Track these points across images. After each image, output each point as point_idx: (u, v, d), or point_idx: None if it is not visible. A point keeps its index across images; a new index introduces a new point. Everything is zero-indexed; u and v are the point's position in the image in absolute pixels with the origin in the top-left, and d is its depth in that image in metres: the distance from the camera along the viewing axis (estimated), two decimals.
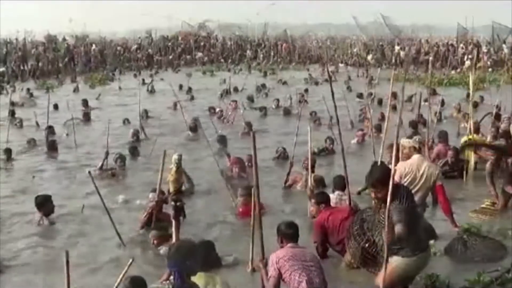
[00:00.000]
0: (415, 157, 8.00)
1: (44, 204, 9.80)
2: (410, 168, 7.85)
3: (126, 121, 20.36)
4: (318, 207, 8.11)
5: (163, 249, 8.18)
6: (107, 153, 13.35)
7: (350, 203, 8.30)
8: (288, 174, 11.68)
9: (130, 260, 5.49)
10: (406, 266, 5.88)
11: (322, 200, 8.18)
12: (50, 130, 17.99)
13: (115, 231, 8.64)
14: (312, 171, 10.39)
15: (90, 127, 20.51)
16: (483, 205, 9.94)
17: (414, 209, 5.99)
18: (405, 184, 7.67)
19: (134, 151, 15.12)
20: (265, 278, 6.14)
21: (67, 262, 4.56)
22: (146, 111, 21.32)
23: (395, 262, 5.83)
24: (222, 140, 15.92)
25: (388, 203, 5.50)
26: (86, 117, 21.60)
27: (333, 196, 8.99)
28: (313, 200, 8.41)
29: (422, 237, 6.02)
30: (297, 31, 63.49)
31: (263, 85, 30.93)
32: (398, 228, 5.57)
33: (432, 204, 9.12)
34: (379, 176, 5.87)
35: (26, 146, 16.69)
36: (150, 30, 57.82)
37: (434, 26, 66.16)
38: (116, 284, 5.35)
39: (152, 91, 30.71)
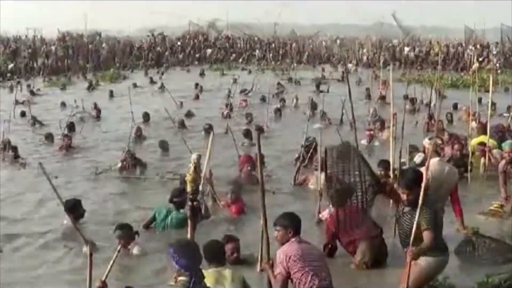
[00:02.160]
0: (436, 160, 7.96)
1: (74, 209, 9.29)
2: (435, 173, 7.83)
3: (145, 116, 20.36)
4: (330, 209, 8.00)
5: (135, 249, 8.05)
6: (128, 151, 13.50)
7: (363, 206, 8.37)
8: (297, 172, 11.72)
9: (118, 247, 5.36)
10: (434, 264, 6.08)
11: (337, 202, 7.93)
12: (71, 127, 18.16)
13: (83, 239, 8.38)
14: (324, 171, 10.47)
15: (102, 124, 20.68)
16: (491, 207, 9.88)
17: (438, 213, 6.21)
18: (431, 189, 7.62)
19: (164, 145, 15.22)
20: (273, 280, 6.05)
21: (91, 254, 4.54)
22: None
23: (425, 261, 6.00)
24: (248, 134, 16.12)
25: (419, 205, 5.78)
26: (98, 114, 21.78)
27: None
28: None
29: (443, 239, 6.28)
30: (305, 31, 63.38)
31: (279, 84, 30.92)
32: (426, 234, 5.83)
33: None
34: (413, 177, 6.08)
35: (44, 141, 16.86)
36: (153, 29, 57.96)
37: (443, 28, 65.98)
38: (106, 272, 5.11)
39: (162, 89, 30.81)
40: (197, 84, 31.31)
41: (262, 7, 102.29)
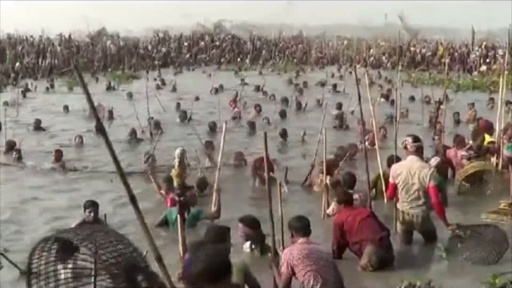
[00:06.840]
0: (410, 157, 8.10)
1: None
2: (401, 170, 8.03)
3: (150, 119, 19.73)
4: (339, 206, 7.99)
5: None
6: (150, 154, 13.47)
7: (370, 205, 8.47)
8: (308, 174, 11.78)
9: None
10: None
11: (343, 199, 7.95)
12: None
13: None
14: (330, 174, 10.51)
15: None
16: (500, 206, 9.66)
17: None
18: (399, 184, 7.93)
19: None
20: (277, 277, 6.13)
21: None
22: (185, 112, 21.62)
23: None
24: (284, 134, 16.61)
25: None
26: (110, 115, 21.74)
27: None
28: (335, 199, 8.43)
29: None
30: (312, 32, 63.18)
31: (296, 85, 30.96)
32: None
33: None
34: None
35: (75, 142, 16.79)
36: (158, 30, 58.22)
37: (451, 28, 65.70)
38: None
39: (174, 90, 31.02)
40: (217, 88, 31.11)
41: (269, 8, 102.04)
